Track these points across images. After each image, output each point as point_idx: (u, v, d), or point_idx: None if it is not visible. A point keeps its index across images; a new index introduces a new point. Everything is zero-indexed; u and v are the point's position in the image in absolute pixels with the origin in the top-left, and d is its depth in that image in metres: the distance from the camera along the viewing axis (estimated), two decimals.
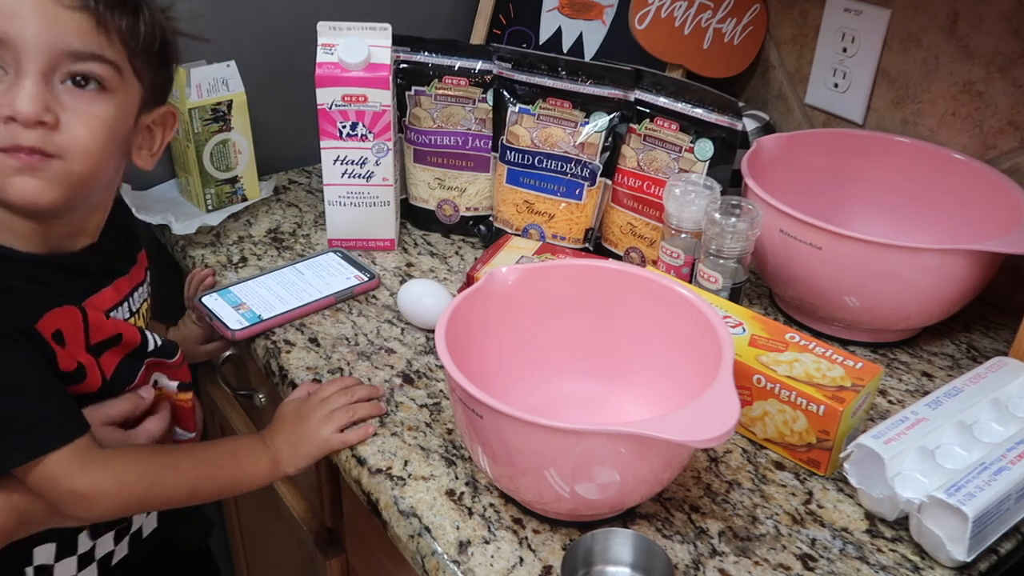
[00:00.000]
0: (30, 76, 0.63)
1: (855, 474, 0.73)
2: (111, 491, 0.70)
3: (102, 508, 0.71)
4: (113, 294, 0.77)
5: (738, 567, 0.69)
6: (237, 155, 1.13)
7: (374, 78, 1.00)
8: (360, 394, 0.83)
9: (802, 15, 1.16)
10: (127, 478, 0.71)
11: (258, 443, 0.81)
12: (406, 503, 0.73)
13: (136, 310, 0.81)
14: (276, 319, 0.94)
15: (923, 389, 0.89)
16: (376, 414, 0.82)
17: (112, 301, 0.77)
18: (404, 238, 1.13)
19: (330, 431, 0.79)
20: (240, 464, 0.79)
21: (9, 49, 0.62)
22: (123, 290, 0.79)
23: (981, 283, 0.88)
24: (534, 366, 0.80)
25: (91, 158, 0.67)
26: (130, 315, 0.80)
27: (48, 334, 0.68)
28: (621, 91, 1.01)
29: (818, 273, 0.88)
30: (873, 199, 1.04)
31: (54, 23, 0.63)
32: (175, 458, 0.75)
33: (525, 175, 1.05)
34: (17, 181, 0.65)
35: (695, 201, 0.90)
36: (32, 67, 0.63)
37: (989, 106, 0.99)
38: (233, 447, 0.81)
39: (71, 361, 0.70)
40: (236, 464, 0.79)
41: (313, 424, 0.80)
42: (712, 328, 0.71)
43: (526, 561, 0.68)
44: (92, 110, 0.66)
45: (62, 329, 0.69)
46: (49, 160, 0.65)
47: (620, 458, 0.64)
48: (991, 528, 0.68)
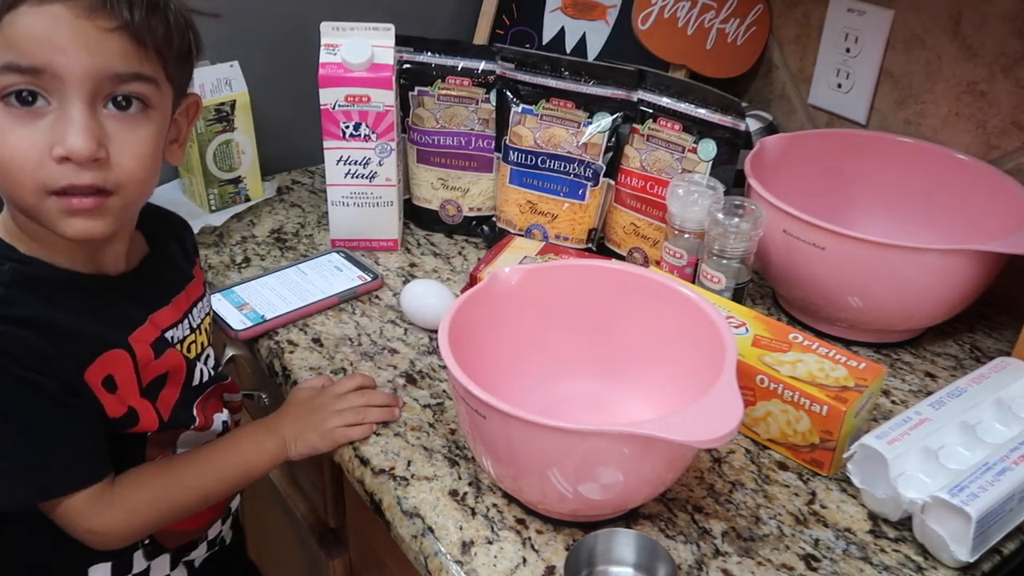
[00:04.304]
0: (77, 108, 0.60)
1: (858, 474, 0.73)
2: (123, 525, 0.71)
3: (119, 541, 0.73)
4: (172, 312, 0.76)
5: (741, 567, 0.69)
6: (240, 155, 1.14)
7: (377, 78, 1.00)
8: (377, 400, 0.82)
9: (805, 15, 1.16)
10: (136, 509, 0.72)
11: (260, 430, 0.81)
12: (409, 503, 0.73)
13: (197, 326, 0.80)
14: (279, 319, 0.94)
15: (926, 389, 0.89)
16: (388, 419, 0.82)
17: (171, 319, 0.76)
18: (407, 238, 1.13)
19: (335, 425, 0.79)
20: (245, 457, 0.79)
21: (52, 80, 0.59)
22: (182, 307, 0.78)
23: (984, 283, 0.88)
24: (537, 366, 0.80)
25: (143, 185, 0.66)
26: (191, 331, 0.79)
27: (97, 382, 0.67)
28: (624, 91, 1.01)
29: (821, 273, 0.88)
30: (876, 199, 1.04)
31: (97, 49, 0.59)
32: (179, 473, 0.75)
33: (528, 175, 1.05)
34: (74, 222, 0.63)
35: (698, 201, 0.90)
36: (77, 97, 0.60)
37: (992, 106, 0.99)
38: (235, 442, 0.80)
39: (120, 407, 0.70)
40: (241, 458, 0.79)
41: (323, 415, 0.80)
42: (715, 328, 0.71)
43: (529, 561, 0.69)
44: (138, 135, 0.64)
45: (113, 375, 0.69)
46: (106, 199, 0.63)
47: (623, 458, 0.64)
48: (994, 528, 0.68)
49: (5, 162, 0.60)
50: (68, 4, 0.58)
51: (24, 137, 0.60)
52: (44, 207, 0.62)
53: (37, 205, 0.62)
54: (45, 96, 0.60)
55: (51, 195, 0.62)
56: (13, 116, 0.60)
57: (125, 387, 0.70)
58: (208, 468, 0.77)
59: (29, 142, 0.60)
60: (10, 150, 0.60)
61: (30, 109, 0.60)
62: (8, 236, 0.68)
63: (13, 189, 0.62)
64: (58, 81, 0.59)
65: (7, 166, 0.61)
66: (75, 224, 0.63)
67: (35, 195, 0.62)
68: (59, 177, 0.61)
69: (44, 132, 0.60)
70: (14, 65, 0.58)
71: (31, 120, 0.60)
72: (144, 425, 0.72)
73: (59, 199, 0.62)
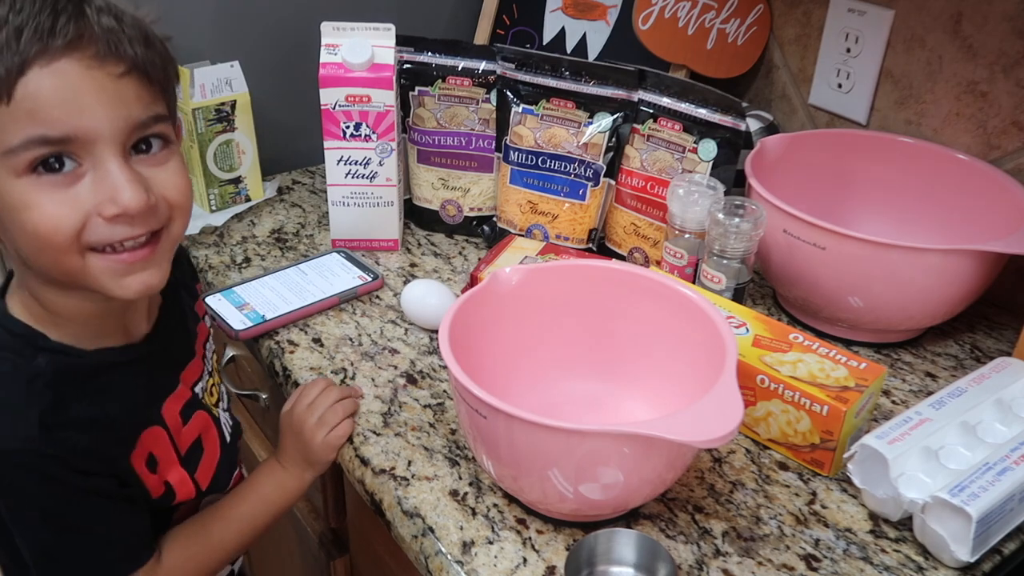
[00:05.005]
0: (115, 164, 0.58)
1: (859, 474, 0.73)
2: None
3: None
4: (198, 363, 0.76)
5: (742, 567, 0.69)
6: (241, 155, 1.14)
7: (378, 78, 1.00)
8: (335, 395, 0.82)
9: (806, 15, 1.16)
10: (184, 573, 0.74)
11: (276, 471, 0.81)
12: (410, 503, 0.73)
13: (212, 368, 0.80)
14: (279, 319, 0.94)
15: (927, 389, 0.89)
16: (356, 409, 0.83)
17: (198, 372, 0.76)
18: (408, 238, 1.14)
19: (324, 434, 0.80)
20: (271, 501, 0.80)
21: (81, 144, 0.57)
22: (200, 352, 0.78)
23: (985, 283, 0.88)
24: (538, 366, 0.80)
25: (187, 215, 0.65)
26: (208, 376, 0.79)
27: (142, 465, 0.68)
28: (624, 91, 1.01)
29: (822, 273, 0.88)
30: (876, 199, 1.04)
31: (116, 100, 0.58)
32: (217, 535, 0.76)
33: (529, 175, 1.05)
34: (129, 281, 0.62)
35: (699, 201, 0.90)
36: (110, 153, 0.58)
37: (993, 106, 0.99)
38: (257, 488, 0.80)
39: (160, 486, 0.71)
40: (271, 504, 0.80)
41: (308, 433, 0.80)
42: (716, 328, 0.71)
43: (530, 561, 0.69)
44: (171, 169, 0.63)
45: (153, 452, 0.69)
46: (158, 241, 0.62)
47: (624, 458, 0.64)
48: (995, 528, 0.68)
49: (45, 233, 0.58)
50: (76, 56, 0.56)
51: (63, 203, 0.58)
52: (92, 271, 0.60)
53: (83, 269, 0.60)
54: (75, 158, 0.58)
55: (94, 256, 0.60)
56: (45, 186, 0.57)
57: (164, 462, 0.71)
58: (244, 524, 0.78)
59: (71, 207, 0.58)
60: (49, 218, 0.57)
61: (64, 175, 0.58)
62: (33, 320, 0.65)
63: (56, 258, 0.59)
64: (89, 142, 0.57)
65: (49, 236, 0.58)
66: (131, 283, 0.62)
67: (80, 257, 0.60)
68: (113, 234, 0.59)
69: (86, 195, 0.58)
70: (43, 138, 0.56)
71: (66, 186, 0.58)
72: (181, 497, 0.73)
73: (105, 259, 0.60)
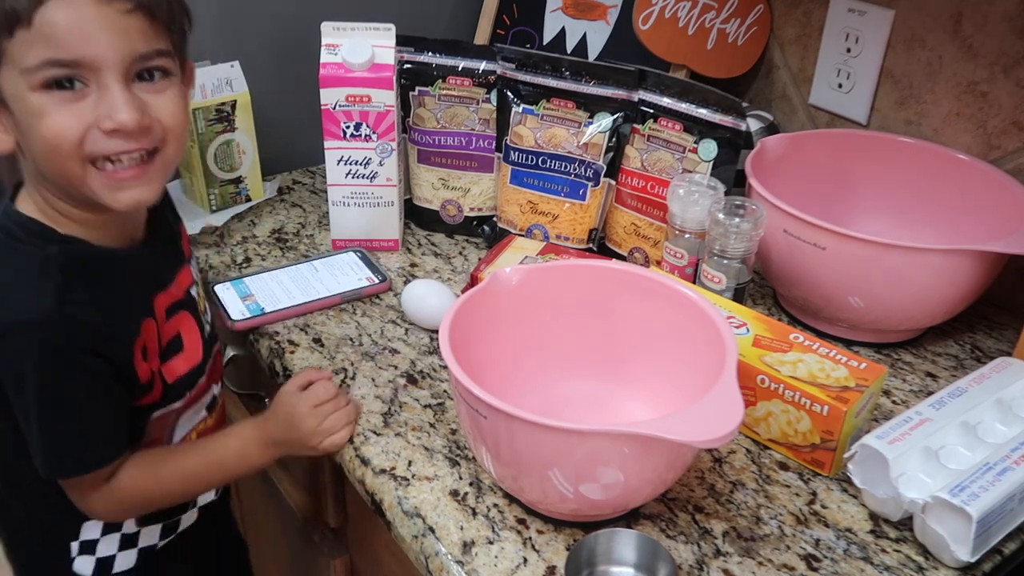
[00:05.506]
0: (116, 87, 0.66)
1: (859, 474, 0.73)
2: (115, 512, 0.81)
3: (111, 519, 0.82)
4: (191, 271, 0.83)
5: (742, 567, 0.69)
6: (241, 155, 1.14)
7: (378, 78, 1.00)
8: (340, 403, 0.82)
9: (806, 15, 1.16)
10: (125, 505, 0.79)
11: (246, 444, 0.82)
12: (410, 503, 0.73)
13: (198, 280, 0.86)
14: (277, 314, 0.95)
15: (927, 389, 0.89)
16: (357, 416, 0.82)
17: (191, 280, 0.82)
18: (408, 238, 1.14)
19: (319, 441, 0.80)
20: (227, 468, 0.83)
21: (89, 68, 0.65)
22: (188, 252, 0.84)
23: (985, 283, 0.88)
24: (538, 366, 0.80)
25: (181, 140, 0.72)
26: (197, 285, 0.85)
27: (139, 353, 0.73)
28: (625, 91, 1.01)
29: (822, 273, 0.88)
30: (877, 199, 1.04)
31: (121, 33, 0.65)
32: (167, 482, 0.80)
33: (529, 175, 1.05)
34: (122, 195, 0.69)
35: (699, 201, 0.90)
36: (113, 79, 0.66)
37: (993, 106, 0.99)
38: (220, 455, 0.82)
39: (147, 372, 0.75)
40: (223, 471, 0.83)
41: (306, 432, 0.79)
42: (716, 328, 0.71)
43: (530, 561, 0.69)
44: (169, 96, 0.70)
45: (147, 343, 0.74)
46: (152, 161, 0.70)
47: (624, 458, 0.64)
48: (995, 528, 0.68)
49: (53, 138, 0.66)
50: None
51: (69, 115, 0.65)
52: (91, 181, 0.68)
53: (83, 179, 0.68)
54: (83, 80, 0.65)
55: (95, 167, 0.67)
56: (55, 100, 0.65)
57: (151, 353, 0.75)
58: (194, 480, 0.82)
59: (75, 118, 0.66)
60: (57, 126, 0.65)
61: (72, 92, 0.65)
62: (45, 218, 0.72)
63: (61, 163, 0.67)
64: (95, 68, 0.65)
65: (56, 141, 0.66)
66: (123, 196, 0.69)
67: (82, 166, 0.67)
68: (109, 146, 0.67)
69: (89, 110, 0.66)
70: (56, 60, 0.64)
71: (73, 101, 0.66)
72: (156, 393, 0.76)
73: (103, 173, 0.68)
